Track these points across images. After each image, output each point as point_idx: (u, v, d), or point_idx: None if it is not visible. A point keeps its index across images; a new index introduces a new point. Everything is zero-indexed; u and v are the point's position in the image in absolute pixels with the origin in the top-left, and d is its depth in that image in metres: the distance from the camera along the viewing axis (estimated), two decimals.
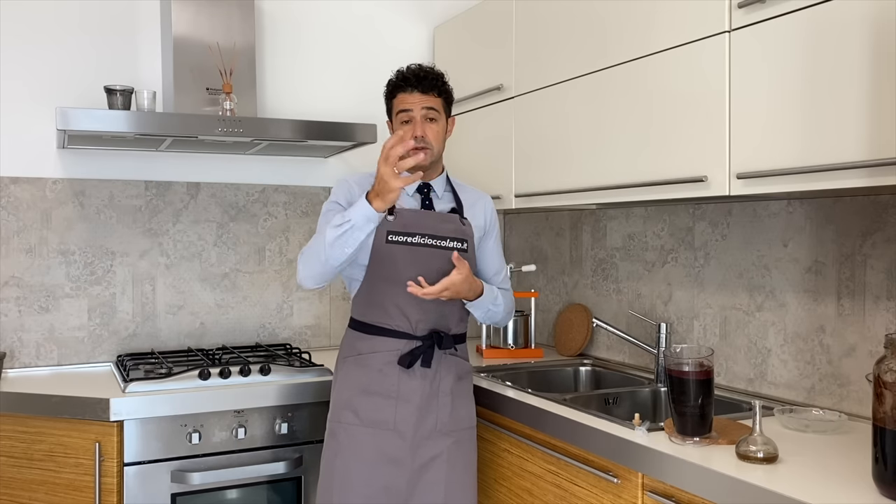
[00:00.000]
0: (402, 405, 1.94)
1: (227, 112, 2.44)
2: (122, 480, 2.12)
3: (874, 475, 1.33)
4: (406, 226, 1.95)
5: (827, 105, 1.56)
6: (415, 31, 3.15)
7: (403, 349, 1.96)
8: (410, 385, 1.95)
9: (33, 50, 2.56)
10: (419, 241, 1.95)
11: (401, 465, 1.93)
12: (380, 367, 1.96)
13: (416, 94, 1.99)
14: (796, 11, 1.61)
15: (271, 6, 2.90)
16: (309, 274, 1.90)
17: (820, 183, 1.57)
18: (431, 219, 1.99)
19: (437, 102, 2.01)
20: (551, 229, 2.98)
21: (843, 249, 1.90)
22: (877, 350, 1.81)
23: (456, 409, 2.01)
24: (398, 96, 2.02)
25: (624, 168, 2.10)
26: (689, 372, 1.62)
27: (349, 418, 1.96)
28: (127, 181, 2.68)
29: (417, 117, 1.98)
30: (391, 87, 2.04)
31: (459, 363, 2.05)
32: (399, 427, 1.93)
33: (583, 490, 1.82)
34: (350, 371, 1.99)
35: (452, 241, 1.98)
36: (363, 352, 1.99)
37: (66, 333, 2.60)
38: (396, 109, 2.02)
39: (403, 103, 2.00)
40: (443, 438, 1.97)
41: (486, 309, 2.02)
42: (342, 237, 1.82)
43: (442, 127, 2.03)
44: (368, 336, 1.99)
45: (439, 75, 2.04)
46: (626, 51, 2.08)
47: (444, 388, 1.99)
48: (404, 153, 1.75)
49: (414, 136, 1.95)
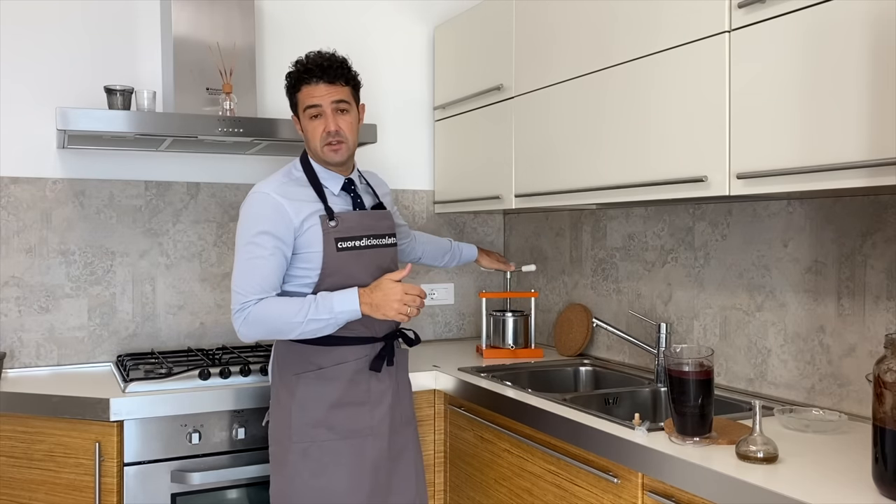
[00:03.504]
0: (377, 408, 1.94)
1: (227, 112, 2.44)
2: (122, 480, 2.12)
3: (874, 475, 1.33)
4: (350, 230, 1.91)
5: (827, 105, 1.56)
6: (415, 31, 3.15)
7: (371, 354, 1.94)
8: (380, 387, 1.95)
9: (33, 50, 2.56)
10: (366, 243, 1.93)
11: (380, 464, 1.94)
12: (350, 377, 1.92)
13: (322, 85, 1.87)
14: (796, 11, 1.61)
15: (271, 6, 2.90)
16: (256, 337, 1.85)
17: (820, 183, 1.57)
18: (370, 218, 1.97)
19: (345, 92, 1.90)
20: (551, 229, 2.98)
21: (843, 249, 1.90)
22: (877, 350, 1.81)
23: (410, 398, 2.10)
24: (303, 90, 1.89)
25: (624, 168, 2.10)
26: (689, 372, 1.62)
27: (324, 435, 1.89)
28: (127, 181, 2.68)
29: (328, 111, 1.87)
30: (293, 79, 1.91)
31: (405, 353, 2.10)
32: (377, 429, 1.93)
33: (583, 490, 1.82)
34: (312, 387, 1.91)
35: (388, 237, 2.00)
36: (325, 365, 1.91)
37: (66, 333, 2.60)
38: (303, 105, 1.90)
39: (310, 97, 1.88)
40: (406, 428, 2.03)
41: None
42: (316, 331, 1.83)
43: (354, 117, 1.94)
44: (329, 348, 1.91)
45: (343, 62, 1.92)
46: (626, 51, 2.08)
47: (402, 380, 2.06)
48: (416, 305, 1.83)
49: (327, 130, 1.88)
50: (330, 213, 1.90)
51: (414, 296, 1.81)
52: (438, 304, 3.18)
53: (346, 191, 1.99)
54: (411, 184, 3.14)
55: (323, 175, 1.97)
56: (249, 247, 1.85)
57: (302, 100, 1.90)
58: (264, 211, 1.86)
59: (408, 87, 3.14)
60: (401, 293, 1.80)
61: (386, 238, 1.99)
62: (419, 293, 1.82)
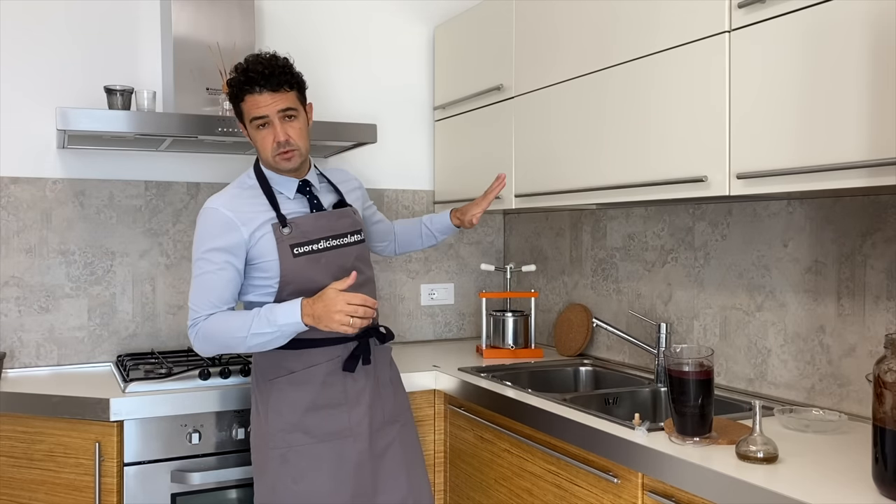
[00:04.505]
0: (354, 409, 1.91)
1: (227, 112, 2.44)
2: (122, 480, 2.12)
3: (874, 475, 1.33)
4: (306, 234, 1.88)
5: (827, 105, 1.56)
6: (415, 31, 3.15)
7: (343, 354, 1.91)
8: (356, 387, 1.92)
9: (33, 50, 2.56)
10: (323, 245, 1.90)
11: (362, 465, 1.90)
12: (322, 379, 1.89)
13: (267, 94, 1.80)
14: (796, 11, 1.61)
15: (271, 6, 2.90)
16: (209, 352, 1.88)
17: (820, 183, 1.57)
18: (327, 219, 1.93)
19: (291, 99, 1.83)
20: (551, 229, 2.98)
21: (843, 249, 1.90)
22: (877, 350, 1.81)
23: (396, 395, 2.04)
24: (247, 100, 1.82)
25: (624, 168, 2.10)
26: (689, 372, 1.62)
27: (301, 440, 1.87)
28: (127, 181, 2.68)
29: (275, 121, 1.82)
30: (235, 88, 1.84)
31: (386, 350, 2.05)
32: (355, 430, 1.90)
33: (583, 490, 1.82)
34: (285, 392, 1.89)
35: (352, 235, 1.96)
36: (297, 369, 1.89)
37: (66, 333, 2.60)
38: (249, 116, 1.83)
39: (256, 108, 1.81)
40: (390, 427, 1.99)
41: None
42: (264, 344, 1.80)
43: (303, 122, 1.88)
44: (298, 351, 1.88)
45: (286, 66, 1.84)
46: (626, 51, 2.08)
47: (384, 378, 2.01)
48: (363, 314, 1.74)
49: (276, 141, 1.83)
50: (283, 220, 1.87)
51: (356, 305, 1.72)
52: (438, 304, 3.18)
53: (302, 193, 1.95)
54: (411, 184, 3.14)
55: (276, 181, 1.93)
56: (200, 262, 1.86)
57: (247, 111, 1.84)
58: (212, 227, 1.86)
59: (408, 86, 3.14)
60: (342, 303, 1.72)
61: (348, 237, 1.95)
62: (361, 301, 1.73)
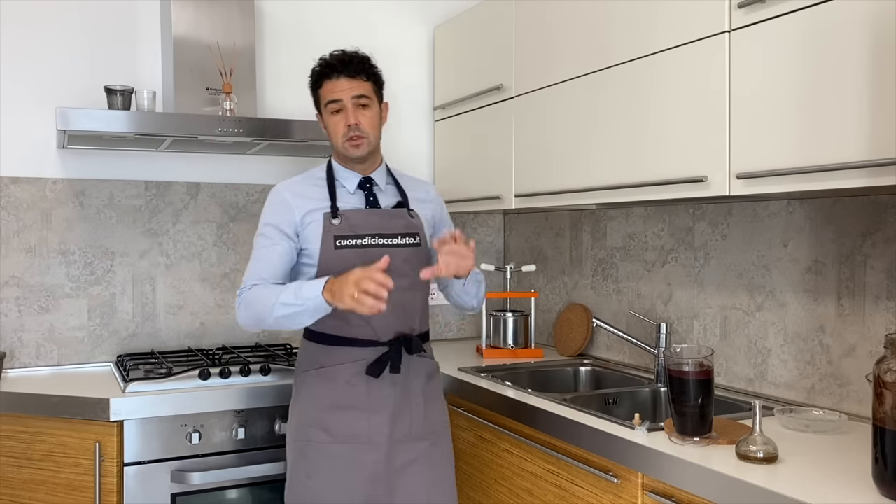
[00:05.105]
0: (375, 416, 1.87)
1: (226, 112, 2.44)
2: (122, 480, 2.12)
3: (874, 475, 1.33)
4: (353, 227, 1.88)
5: (827, 105, 1.56)
6: (415, 31, 3.15)
7: (370, 358, 1.88)
8: (381, 394, 1.88)
9: (33, 50, 2.56)
10: (368, 242, 1.88)
11: (378, 477, 1.86)
12: (347, 379, 1.88)
13: (343, 79, 1.87)
14: (796, 11, 1.61)
15: (271, 6, 2.90)
16: (251, 326, 1.86)
17: (820, 183, 1.57)
18: (378, 217, 1.92)
19: (366, 87, 1.89)
20: (551, 229, 2.98)
21: (843, 249, 1.90)
22: (877, 350, 1.81)
23: (429, 411, 1.95)
24: (324, 85, 1.89)
25: (624, 168, 2.10)
26: (689, 372, 1.62)
27: (319, 436, 1.87)
28: (127, 181, 2.68)
29: (348, 106, 1.87)
30: (315, 76, 1.92)
31: (428, 363, 1.98)
32: (374, 438, 1.86)
33: (583, 490, 1.82)
34: (314, 386, 1.90)
35: (403, 237, 1.92)
36: (326, 365, 1.89)
37: (66, 333, 2.60)
38: (324, 100, 1.90)
39: (331, 93, 1.88)
40: (418, 442, 1.91)
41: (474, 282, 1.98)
42: (290, 317, 1.76)
43: (376, 113, 1.92)
44: (330, 347, 1.90)
45: (365, 58, 1.91)
46: (626, 51, 2.08)
47: (415, 390, 1.93)
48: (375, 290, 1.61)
49: (347, 124, 1.87)
50: (334, 211, 1.89)
51: (369, 279, 1.61)
52: (438, 304, 3.18)
53: (362, 189, 1.96)
54: None
55: (341, 174, 1.97)
56: (257, 238, 1.93)
57: (323, 95, 1.91)
58: (272, 205, 1.93)
59: (408, 86, 3.14)
60: (356, 278, 1.62)
61: (398, 237, 1.92)
62: (373, 277, 1.61)
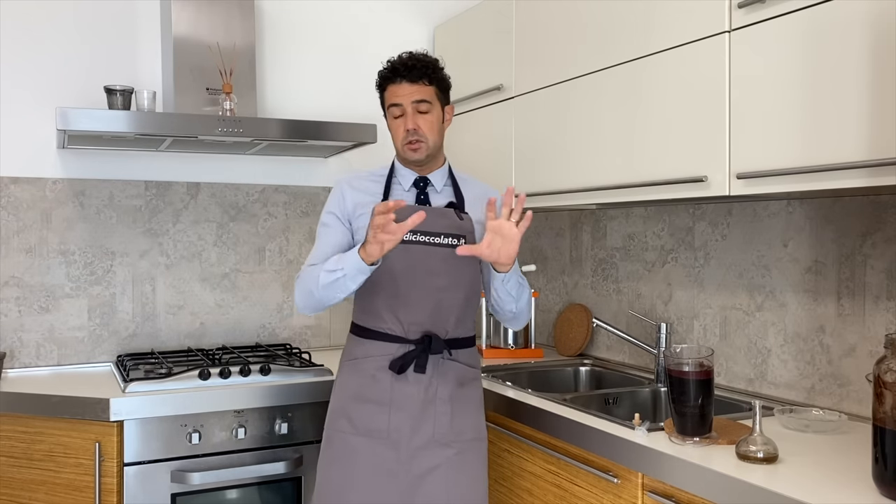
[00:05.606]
0: (396, 413, 1.85)
1: (227, 112, 2.44)
2: (122, 480, 2.12)
3: (874, 475, 1.33)
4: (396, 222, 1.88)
5: (827, 105, 1.56)
6: (415, 31, 3.15)
7: (396, 353, 1.87)
8: (404, 392, 1.86)
9: (33, 50, 2.56)
10: (410, 238, 1.86)
11: (395, 477, 1.84)
12: (372, 372, 1.88)
13: (405, 84, 1.89)
14: (796, 11, 1.61)
15: (271, 6, 2.90)
16: (305, 304, 1.89)
17: (820, 183, 1.57)
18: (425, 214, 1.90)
19: (428, 92, 1.90)
20: (551, 229, 2.98)
21: (842, 249, 1.90)
22: (877, 350, 1.81)
23: (457, 418, 1.89)
24: (388, 89, 1.93)
25: (624, 168, 2.10)
26: (689, 372, 1.62)
27: (344, 426, 1.89)
28: (127, 181, 2.68)
29: (408, 110, 1.89)
30: (380, 78, 1.95)
31: (462, 369, 1.92)
32: (392, 436, 1.85)
33: (583, 490, 1.82)
34: (346, 376, 1.94)
35: (447, 237, 1.89)
36: (358, 357, 1.92)
37: (66, 333, 2.60)
38: (388, 103, 1.94)
39: (394, 96, 1.91)
40: (442, 449, 1.86)
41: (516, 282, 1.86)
42: (334, 284, 1.78)
43: (436, 117, 1.93)
44: (364, 340, 1.93)
45: (431, 62, 1.92)
46: (626, 51, 2.08)
47: (443, 395, 1.88)
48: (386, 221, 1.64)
49: (406, 129, 1.89)
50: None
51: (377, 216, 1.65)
52: None
53: (416, 187, 1.97)
54: None
55: (400, 172, 2.00)
56: (319, 228, 2.00)
57: (386, 98, 1.94)
58: (332, 195, 2.01)
59: None
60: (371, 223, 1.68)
61: (441, 237, 1.89)
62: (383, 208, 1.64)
